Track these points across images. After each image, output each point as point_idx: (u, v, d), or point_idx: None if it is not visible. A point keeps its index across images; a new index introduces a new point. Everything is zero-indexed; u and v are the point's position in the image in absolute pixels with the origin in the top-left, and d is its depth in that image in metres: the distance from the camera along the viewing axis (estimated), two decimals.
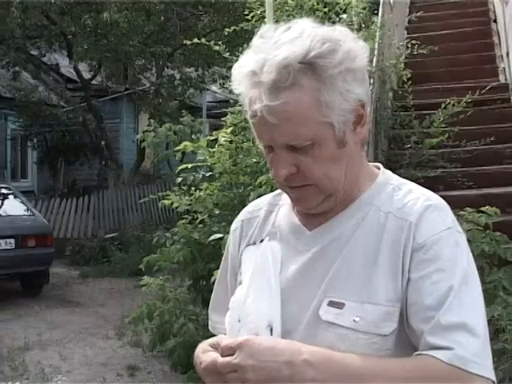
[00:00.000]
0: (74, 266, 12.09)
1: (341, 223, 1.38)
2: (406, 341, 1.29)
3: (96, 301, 9.56)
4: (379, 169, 1.47)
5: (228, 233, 1.68)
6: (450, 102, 6.32)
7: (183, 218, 5.83)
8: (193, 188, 5.69)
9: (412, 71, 7.07)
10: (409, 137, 6.51)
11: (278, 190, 1.53)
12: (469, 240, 4.67)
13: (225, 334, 1.40)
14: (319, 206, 1.38)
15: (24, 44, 13.90)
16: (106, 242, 12.82)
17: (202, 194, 5.58)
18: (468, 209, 4.99)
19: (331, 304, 1.31)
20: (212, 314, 1.62)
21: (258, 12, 6.23)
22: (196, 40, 6.38)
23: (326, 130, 1.30)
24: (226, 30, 6.85)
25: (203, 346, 1.39)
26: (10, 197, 10.24)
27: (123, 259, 11.63)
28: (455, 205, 5.30)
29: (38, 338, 7.48)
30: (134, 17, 12.46)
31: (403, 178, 5.00)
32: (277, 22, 6.18)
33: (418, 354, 1.24)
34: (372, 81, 6.40)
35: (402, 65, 7.25)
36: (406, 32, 9.70)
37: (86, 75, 15.20)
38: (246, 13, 6.36)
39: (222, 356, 1.24)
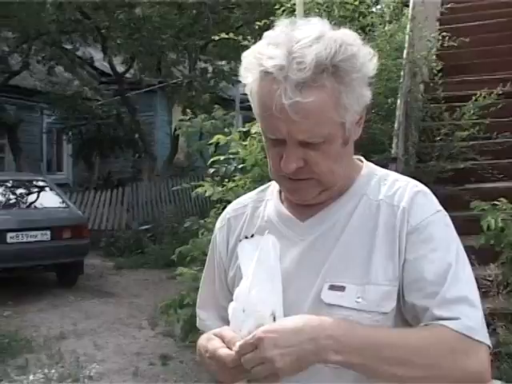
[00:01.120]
0: (108, 258, 12.29)
1: (334, 213, 1.46)
2: (403, 318, 1.39)
3: (130, 291, 9.71)
4: (362, 161, 1.54)
5: None
6: (481, 94, 6.29)
7: (215, 207, 5.89)
8: (226, 180, 5.77)
9: (444, 63, 7.05)
10: (439, 129, 6.50)
11: (261, 187, 1.61)
12: (502, 229, 4.69)
13: (211, 330, 1.45)
14: (315, 198, 1.45)
15: (59, 39, 14.09)
16: (139, 233, 13.01)
17: (234, 184, 5.65)
18: (502, 199, 5.01)
19: (332, 288, 1.38)
20: (199, 312, 1.68)
21: (288, 5, 6.26)
22: (223, 35, 6.43)
23: (339, 129, 1.37)
24: (257, 23, 6.89)
25: (207, 335, 1.45)
26: (46, 189, 10.40)
27: (157, 250, 11.78)
28: (486, 197, 5.33)
29: (73, 327, 7.64)
30: (166, 11, 12.56)
31: (434, 170, 4.99)
32: (307, 15, 6.23)
33: (425, 324, 1.34)
34: (402, 73, 6.40)
35: (434, 57, 7.22)
36: (438, 23, 9.63)
37: (120, 69, 15.36)
38: (277, 7, 6.39)
39: (243, 354, 1.27)
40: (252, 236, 1.50)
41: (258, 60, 1.34)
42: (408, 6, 7.52)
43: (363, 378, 1.34)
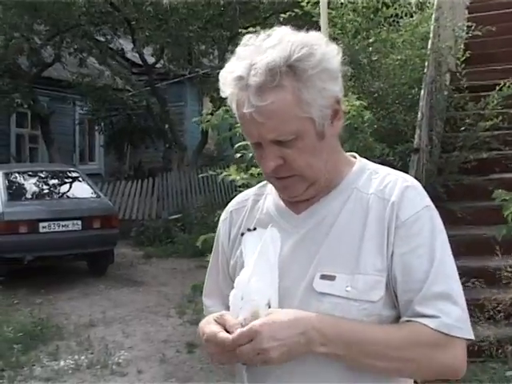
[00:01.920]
0: (138, 247, 12.45)
1: (326, 206, 1.53)
2: (391, 306, 1.47)
3: (159, 280, 9.86)
4: (355, 158, 1.62)
5: None
6: (505, 84, 6.27)
7: None
8: (251, 166, 5.84)
9: (472, 52, 7.02)
10: (463, 119, 6.49)
11: (263, 183, 1.70)
12: None
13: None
14: (303, 193, 1.53)
15: (89, 31, 14.25)
16: (169, 223, 13.13)
17: (259, 170, 5.70)
18: None
19: (323, 277, 1.47)
20: (205, 300, 1.76)
21: None
22: (251, 29, 6.47)
23: (308, 125, 1.45)
24: (282, 15, 6.93)
25: (208, 318, 1.55)
26: (78, 180, 10.59)
27: (186, 240, 11.86)
28: (511, 187, 5.30)
29: (102, 315, 7.81)
30: (193, 2, 12.61)
31: (457, 160, 5.01)
32: (331, 7, 6.24)
33: (407, 321, 1.43)
34: (427, 63, 6.39)
35: (462, 46, 7.20)
36: (466, 12, 9.55)
37: (150, 59, 15.48)
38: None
39: (242, 344, 1.38)
40: (255, 229, 1.59)
41: (227, 74, 1.46)
42: None
43: (352, 368, 1.45)
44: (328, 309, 1.44)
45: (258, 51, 1.43)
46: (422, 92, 6.06)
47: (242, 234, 1.61)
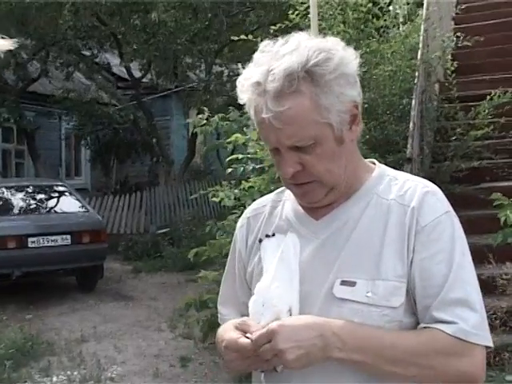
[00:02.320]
0: (127, 261, 12.37)
1: (346, 211, 1.53)
2: (412, 312, 1.46)
3: (149, 295, 9.78)
4: (374, 164, 1.61)
5: None
6: (495, 93, 6.31)
7: (232, 213, 5.96)
8: (243, 181, 5.83)
9: (459, 62, 7.08)
10: (454, 129, 6.53)
11: (280, 189, 1.69)
12: None
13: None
14: (323, 199, 1.52)
15: (76, 45, 14.22)
16: (157, 237, 13.07)
17: (250, 186, 5.70)
18: None
19: (343, 283, 1.46)
20: (221, 308, 1.75)
21: (302, 9, 6.32)
22: (243, 36, 6.49)
23: (326, 130, 1.45)
24: (272, 27, 6.94)
25: (226, 325, 1.56)
26: (66, 194, 10.51)
27: (175, 254, 11.83)
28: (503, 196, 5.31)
29: (93, 330, 7.73)
30: (180, 15, 12.63)
31: (448, 169, 5.03)
32: (321, 19, 6.27)
33: (425, 327, 1.42)
34: (416, 73, 6.43)
35: (449, 56, 7.25)
36: (453, 22, 9.64)
37: (137, 74, 15.48)
38: (291, 12, 6.45)
39: (260, 345, 1.37)
40: (273, 235, 1.58)
41: (244, 81, 1.47)
42: (422, 6, 7.55)
43: (368, 376, 1.44)
44: (348, 315, 1.43)
45: (276, 57, 1.43)
46: (413, 102, 6.10)
47: (261, 241, 1.60)
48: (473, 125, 6.42)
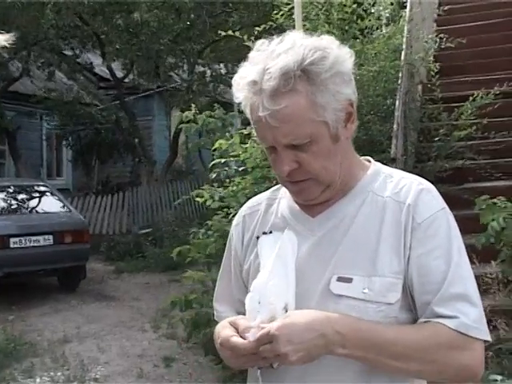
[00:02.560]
0: (109, 262, 12.33)
1: (342, 208, 1.54)
2: (408, 309, 1.47)
3: (131, 295, 9.76)
4: (370, 162, 1.63)
5: None
6: (478, 94, 6.36)
7: (217, 214, 5.96)
8: (226, 180, 5.84)
9: (441, 64, 7.11)
10: (437, 129, 6.57)
11: (275, 187, 1.70)
12: (503, 228, 4.73)
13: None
14: (319, 196, 1.53)
15: (58, 45, 14.15)
16: (140, 237, 13.06)
17: (234, 188, 5.71)
18: (501, 197, 5.06)
19: (340, 279, 1.47)
20: (216, 305, 1.76)
21: (286, 9, 6.32)
22: (230, 32, 6.48)
23: (322, 128, 1.46)
24: (256, 28, 6.94)
25: (223, 322, 1.56)
26: (48, 194, 10.45)
27: (157, 254, 11.81)
28: (485, 195, 5.35)
29: (76, 331, 7.70)
30: (163, 16, 12.61)
31: (432, 170, 5.04)
32: (306, 19, 6.29)
33: (426, 321, 1.43)
34: (400, 74, 6.47)
35: (432, 58, 7.29)
36: (435, 24, 9.70)
37: (119, 74, 15.43)
38: (275, 12, 6.46)
39: (261, 344, 1.37)
40: (270, 232, 1.59)
41: (240, 80, 1.47)
42: (405, 7, 7.58)
43: (366, 368, 1.45)
44: (345, 311, 1.44)
45: (271, 56, 1.44)
46: (397, 103, 6.12)
47: (258, 238, 1.60)
48: (456, 125, 6.46)
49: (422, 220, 1.47)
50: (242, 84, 1.46)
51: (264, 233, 1.60)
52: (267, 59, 1.44)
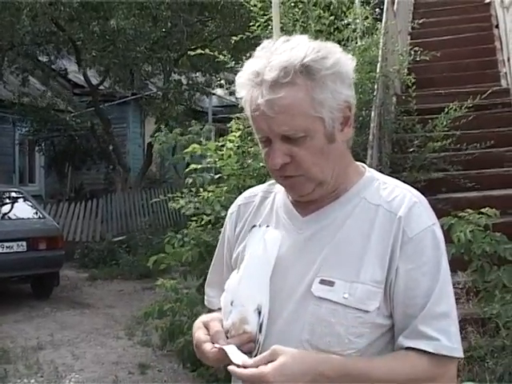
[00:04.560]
0: (82, 269, 12.26)
1: (333, 211, 1.57)
2: (387, 316, 1.50)
3: (105, 302, 9.72)
4: (364, 168, 1.66)
5: None
6: (452, 107, 6.49)
7: (191, 221, 5.99)
8: (201, 189, 5.87)
9: (415, 76, 7.23)
10: (412, 141, 6.67)
11: (272, 180, 1.71)
12: (470, 240, 4.82)
13: (219, 308, 1.60)
14: (310, 194, 1.55)
15: (33, 50, 14.07)
16: (114, 244, 12.99)
17: (209, 195, 5.75)
18: (469, 210, 5.14)
19: (323, 282, 1.49)
20: (208, 290, 1.82)
21: (263, 20, 6.39)
22: (200, 51, 6.52)
23: (317, 125, 1.49)
24: (233, 38, 7.00)
25: (198, 322, 1.61)
26: (20, 200, 10.37)
27: (131, 262, 11.79)
28: (457, 206, 5.48)
29: (50, 338, 7.65)
30: (140, 23, 12.62)
31: (407, 180, 5.09)
32: (282, 29, 6.36)
33: (407, 348, 1.46)
34: (376, 86, 6.57)
35: (406, 70, 7.41)
36: (409, 38, 9.86)
37: (94, 81, 15.38)
38: (252, 23, 6.52)
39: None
40: (260, 226, 1.62)
41: (243, 73, 1.52)
42: (380, 20, 7.71)
43: None
44: (325, 314, 1.47)
45: (276, 52, 1.49)
46: (373, 114, 6.21)
47: (252, 229, 1.63)
48: (430, 137, 6.57)
49: (413, 234, 1.48)
50: (244, 76, 1.51)
51: (254, 226, 1.62)
52: (271, 55, 1.48)
